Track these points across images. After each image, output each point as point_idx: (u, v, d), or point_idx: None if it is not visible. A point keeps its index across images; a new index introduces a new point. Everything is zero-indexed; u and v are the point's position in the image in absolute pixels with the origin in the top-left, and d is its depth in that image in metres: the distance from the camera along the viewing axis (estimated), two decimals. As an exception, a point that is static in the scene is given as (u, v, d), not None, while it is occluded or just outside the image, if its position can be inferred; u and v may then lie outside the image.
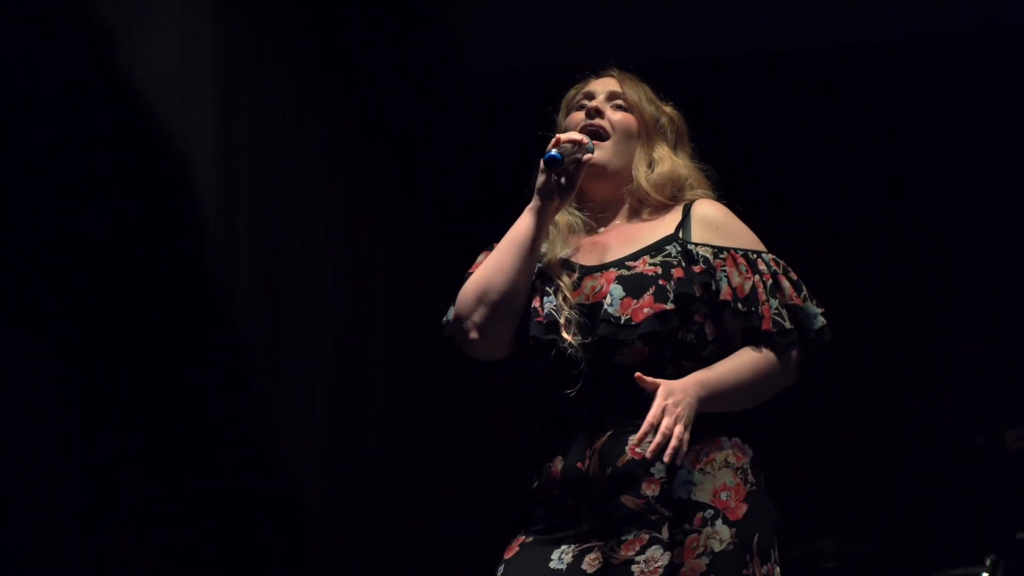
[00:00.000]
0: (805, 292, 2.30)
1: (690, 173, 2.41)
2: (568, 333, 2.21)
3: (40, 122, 2.35)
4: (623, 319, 2.20)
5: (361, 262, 4.07)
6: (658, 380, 2.15)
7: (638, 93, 2.44)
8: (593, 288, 2.25)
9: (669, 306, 2.20)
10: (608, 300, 2.22)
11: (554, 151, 2.24)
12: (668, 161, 2.39)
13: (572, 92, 2.48)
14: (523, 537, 2.25)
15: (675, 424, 2.12)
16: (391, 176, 4.44)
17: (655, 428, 2.11)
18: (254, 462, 3.22)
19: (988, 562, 4.31)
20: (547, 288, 2.26)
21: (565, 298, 2.24)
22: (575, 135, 2.29)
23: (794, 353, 2.28)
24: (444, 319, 2.35)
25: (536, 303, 2.25)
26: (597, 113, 2.39)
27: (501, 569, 2.24)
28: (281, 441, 3.38)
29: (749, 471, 2.24)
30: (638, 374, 2.15)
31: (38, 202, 2.29)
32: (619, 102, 2.42)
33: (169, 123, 2.83)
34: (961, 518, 4.97)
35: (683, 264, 2.25)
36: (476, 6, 5.17)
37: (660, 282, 2.22)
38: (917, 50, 5.46)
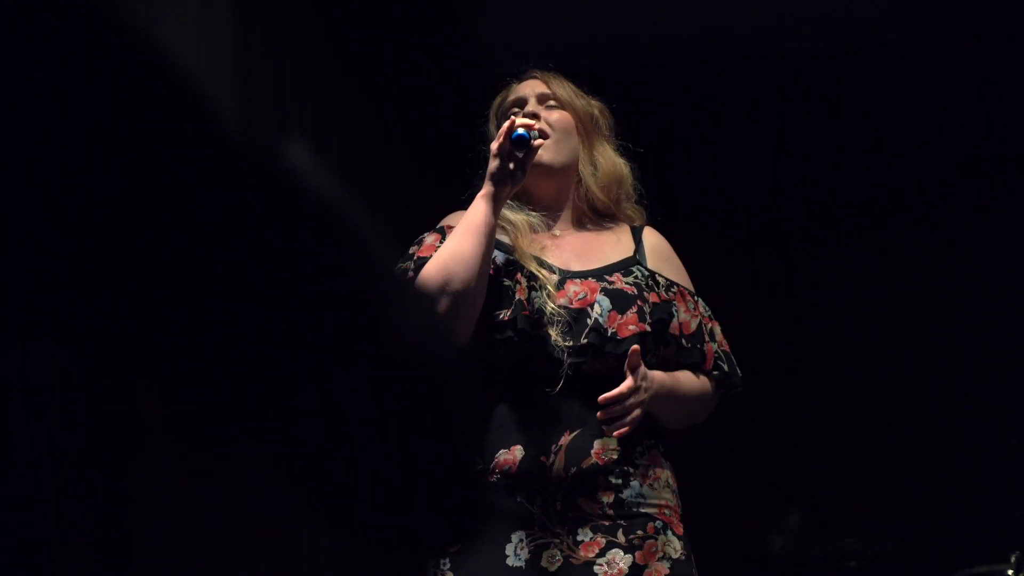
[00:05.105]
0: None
1: (628, 171, 2.43)
2: (554, 332, 2.21)
3: (66, 113, 2.33)
4: (610, 331, 2.22)
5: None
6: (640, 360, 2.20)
7: (566, 90, 2.41)
8: (576, 294, 2.26)
9: (647, 328, 2.24)
10: (597, 310, 2.23)
11: (521, 130, 2.21)
12: (610, 160, 2.41)
13: (498, 101, 2.46)
14: None
15: (637, 407, 2.17)
16: (407, 176, 4.43)
17: (621, 399, 2.15)
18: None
19: (1013, 559, 4.28)
20: (533, 283, 2.24)
21: (550, 295, 2.24)
22: (527, 120, 2.26)
23: (718, 394, 2.36)
24: (402, 267, 2.26)
25: (521, 295, 2.23)
26: (533, 117, 2.33)
27: (447, 563, 2.19)
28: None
29: (679, 495, 2.31)
30: (635, 347, 2.18)
31: (56, 196, 2.27)
32: (551, 102, 2.40)
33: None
34: (985, 516, 4.95)
35: (655, 289, 2.29)
36: (492, 5, 5.17)
37: (638, 302, 2.25)
38: (905, 51, 5.44)
